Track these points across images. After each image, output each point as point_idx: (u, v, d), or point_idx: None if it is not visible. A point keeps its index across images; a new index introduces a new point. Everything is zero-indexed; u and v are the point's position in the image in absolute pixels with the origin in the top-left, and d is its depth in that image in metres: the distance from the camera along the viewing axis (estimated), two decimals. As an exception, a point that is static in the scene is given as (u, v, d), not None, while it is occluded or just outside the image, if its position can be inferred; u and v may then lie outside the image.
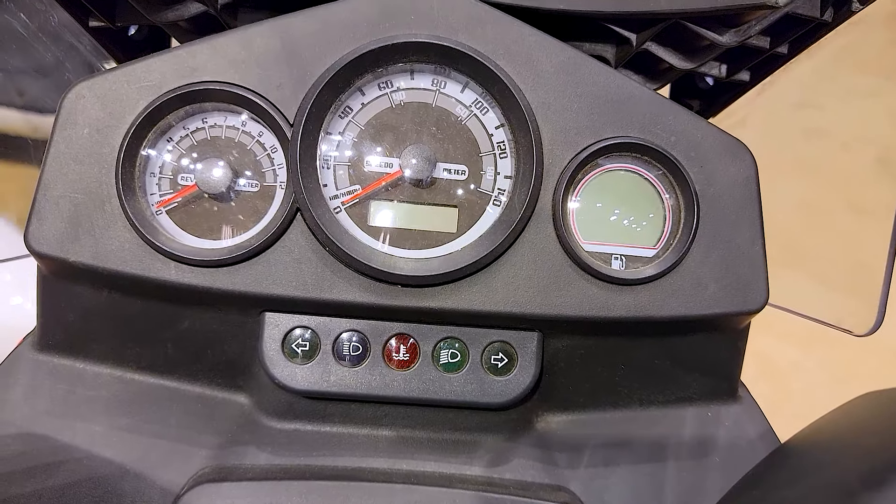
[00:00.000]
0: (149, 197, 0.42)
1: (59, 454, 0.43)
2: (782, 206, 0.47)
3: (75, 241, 0.40)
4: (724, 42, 0.43)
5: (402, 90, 0.43)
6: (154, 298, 0.42)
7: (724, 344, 0.46)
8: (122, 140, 0.40)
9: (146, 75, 0.41)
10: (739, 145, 0.43)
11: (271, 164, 0.42)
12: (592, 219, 0.43)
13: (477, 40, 0.42)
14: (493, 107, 0.43)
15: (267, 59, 0.41)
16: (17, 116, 1.19)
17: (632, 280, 0.42)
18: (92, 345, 0.45)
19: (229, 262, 0.40)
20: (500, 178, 0.43)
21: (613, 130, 0.42)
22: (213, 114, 0.42)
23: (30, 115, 1.04)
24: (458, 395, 0.43)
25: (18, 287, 1.18)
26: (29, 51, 0.53)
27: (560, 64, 0.42)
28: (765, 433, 0.47)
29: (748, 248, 0.43)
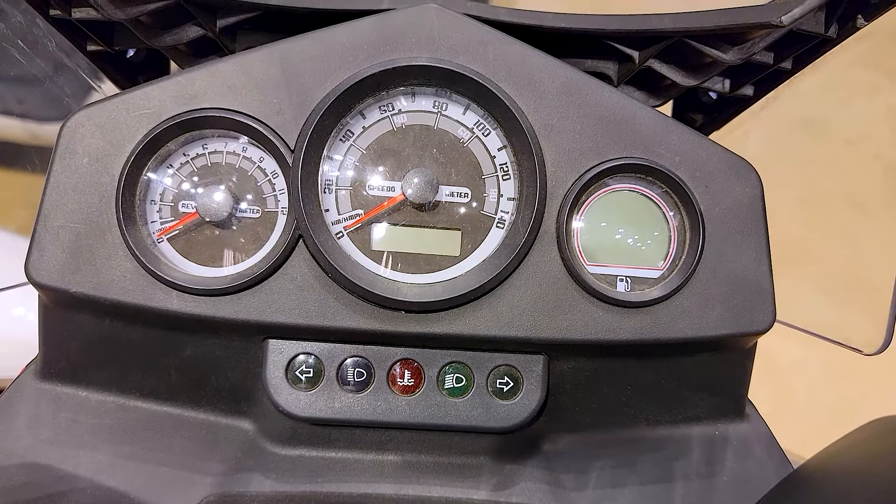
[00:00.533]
0: (149, 225, 0.41)
1: (63, 484, 0.43)
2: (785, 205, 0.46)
3: (76, 271, 0.39)
4: (727, 60, 0.43)
5: (404, 112, 0.42)
6: (156, 327, 0.42)
7: (731, 363, 0.46)
8: (122, 169, 0.40)
9: (145, 103, 0.40)
10: (745, 164, 0.43)
11: (272, 190, 0.42)
12: (597, 240, 0.43)
13: (478, 62, 0.41)
14: (496, 128, 0.43)
15: (266, 84, 0.41)
16: (15, 124, 1.19)
17: (638, 302, 0.41)
18: (95, 373, 0.44)
19: (232, 290, 0.40)
20: (504, 200, 0.43)
21: (617, 151, 0.42)
22: (214, 140, 0.42)
23: (28, 122, 1.04)
24: (463, 419, 0.43)
25: (21, 298, 1.18)
26: (28, 59, 0.52)
27: (562, 85, 0.42)
28: (773, 451, 0.46)
29: (754, 268, 0.42)
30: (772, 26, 0.40)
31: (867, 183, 1.46)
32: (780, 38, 0.42)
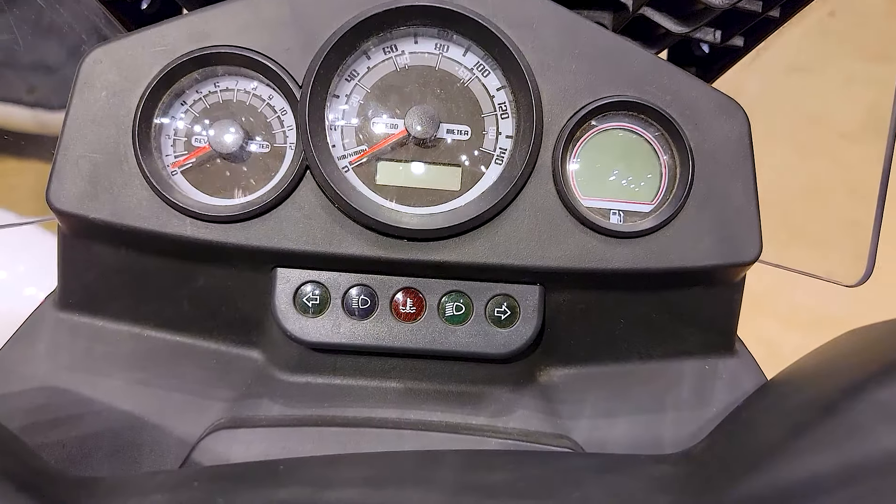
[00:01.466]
0: (164, 157, 0.43)
1: (80, 407, 0.45)
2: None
3: (94, 198, 0.42)
4: (717, 4, 0.44)
5: (407, 54, 0.44)
6: (170, 256, 0.44)
7: (721, 298, 0.47)
8: (138, 102, 0.42)
9: (160, 40, 0.42)
10: (732, 103, 0.45)
11: (281, 126, 0.44)
12: (591, 176, 0.45)
13: (478, 4, 0.43)
14: (495, 69, 0.45)
15: (275, 23, 0.43)
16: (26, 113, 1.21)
17: (629, 233, 0.43)
18: (110, 303, 0.46)
19: (242, 217, 0.42)
20: (502, 137, 0.45)
21: (611, 90, 0.44)
22: (225, 78, 0.44)
23: (38, 111, 1.05)
24: (463, 346, 0.44)
25: (32, 278, 1.20)
26: (38, 48, 0.54)
27: (559, 26, 0.44)
28: (761, 384, 0.48)
29: (742, 203, 0.44)
30: (758, -33, 0.42)
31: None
32: (768, -18, 0.44)
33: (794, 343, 1.61)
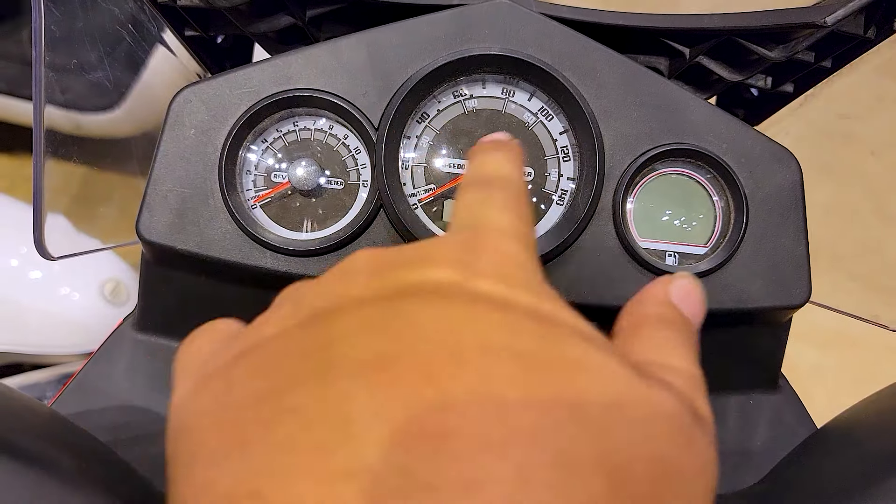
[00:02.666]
0: (245, 192, 0.46)
1: (156, 426, 0.47)
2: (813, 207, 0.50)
3: (182, 230, 0.44)
4: (772, 57, 0.47)
5: (475, 98, 0.47)
6: (247, 284, 0.46)
7: (767, 337, 0.49)
8: (225, 141, 0.44)
9: (246, 82, 0.45)
10: (786, 152, 0.47)
11: (355, 164, 0.46)
12: (648, 219, 0.47)
13: (545, 53, 0.45)
14: (558, 114, 0.47)
15: (354, 68, 0.45)
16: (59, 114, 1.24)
17: (685, 275, 0.45)
18: (188, 326, 0.49)
19: (320, 251, 0.44)
20: (563, 179, 0.47)
21: (670, 137, 0.46)
22: (304, 117, 0.46)
23: (72, 112, 1.09)
24: None
25: (66, 277, 1.22)
26: (73, 50, 0.56)
27: (620, 75, 0.46)
28: (803, 420, 0.50)
29: (793, 248, 0.46)
30: (816, 26, 0.44)
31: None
32: (822, 38, 0.46)
33: (810, 361, 1.63)
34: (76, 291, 1.19)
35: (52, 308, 1.18)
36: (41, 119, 0.46)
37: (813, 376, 1.66)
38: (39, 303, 1.17)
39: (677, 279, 0.29)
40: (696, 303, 0.29)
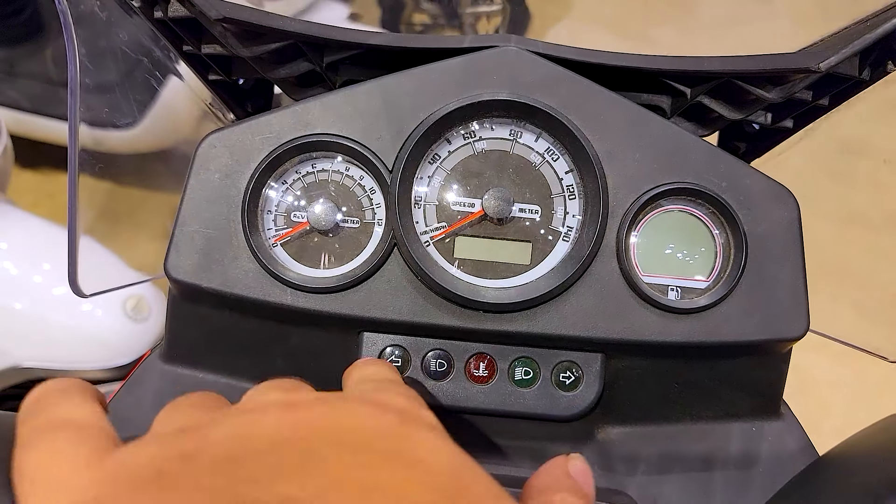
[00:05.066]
0: (266, 232, 0.48)
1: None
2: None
3: (207, 269, 0.47)
4: (770, 98, 0.48)
5: (484, 140, 0.49)
6: (269, 319, 0.49)
7: (769, 366, 0.51)
8: (247, 184, 0.47)
9: (268, 128, 0.47)
10: (784, 190, 0.48)
11: (370, 204, 0.49)
12: (650, 254, 0.49)
13: (551, 97, 0.48)
14: (564, 154, 0.49)
15: (369, 114, 0.47)
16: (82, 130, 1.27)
17: (687, 309, 0.47)
18: (211, 358, 0.51)
19: (337, 289, 0.47)
20: (569, 217, 0.49)
21: (671, 177, 0.48)
22: (321, 160, 0.49)
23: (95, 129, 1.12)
24: (530, 407, 0.49)
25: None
26: (95, 69, 0.58)
27: (623, 118, 0.48)
28: (805, 448, 0.52)
29: (791, 282, 0.48)
30: (811, 71, 0.46)
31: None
32: (819, 79, 0.48)
33: (826, 372, 1.63)
34: (99, 308, 1.22)
35: (76, 324, 1.21)
36: (75, 167, 0.49)
37: (830, 388, 1.66)
38: (63, 319, 1.20)
39: (573, 459, 0.36)
40: (590, 482, 0.35)
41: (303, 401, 0.28)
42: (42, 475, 0.24)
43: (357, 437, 0.26)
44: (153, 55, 0.61)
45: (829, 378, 1.64)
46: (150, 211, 1.10)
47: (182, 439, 0.25)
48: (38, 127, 1.84)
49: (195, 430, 0.26)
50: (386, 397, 0.31)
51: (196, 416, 0.29)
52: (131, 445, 0.26)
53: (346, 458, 0.24)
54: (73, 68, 0.48)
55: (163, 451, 0.25)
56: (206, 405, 0.31)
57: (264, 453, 0.24)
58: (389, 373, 0.39)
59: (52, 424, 0.27)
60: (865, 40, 0.45)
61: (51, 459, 0.25)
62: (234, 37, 0.48)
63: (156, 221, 1.08)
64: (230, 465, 0.23)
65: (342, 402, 0.29)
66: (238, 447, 0.24)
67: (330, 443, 0.25)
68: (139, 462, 0.24)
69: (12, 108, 1.80)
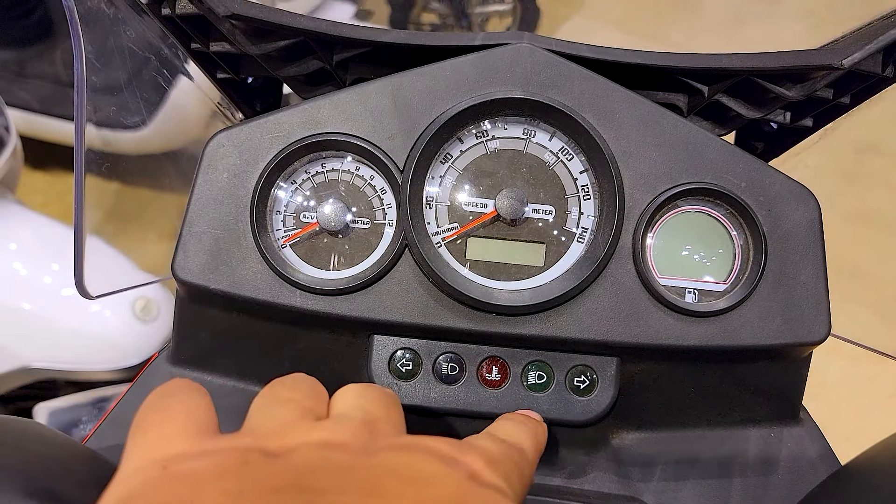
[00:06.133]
0: (275, 233, 0.47)
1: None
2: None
3: (215, 271, 0.46)
4: (790, 96, 0.47)
5: (497, 139, 0.48)
6: (277, 321, 0.48)
7: (788, 371, 0.50)
8: (256, 183, 0.46)
9: (276, 127, 0.47)
10: (804, 190, 0.47)
11: (381, 204, 0.48)
12: (667, 256, 0.48)
13: (565, 95, 0.47)
14: (578, 154, 0.48)
15: (380, 113, 0.47)
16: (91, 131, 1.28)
17: (705, 312, 0.46)
18: (219, 360, 0.51)
19: (346, 291, 0.46)
20: (584, 217, 0.48)
21: (688, 176, 0.47)
22: (331, 159, 0.48)
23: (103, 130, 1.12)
24: (543, 412, 0.48)
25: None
26: (103, 70, 0.58)
27: (639, 116, 0.47)
28: (825, 454, 0.50)
29: (812, 285, 0.47)
30: (833, 68, 0.44)
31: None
32: (841, 77, 0.47)
33: (839, 374, 1.61)
34: (108, 309, 1.22)
35: (85, 325, 1.21)
36: (82, 170, 0.48)
37: (842, 390, 1.64)
38: (72, 320, 1.20)
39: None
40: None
41: (385, 436, 0.31)
42: (151, 432, 0.29)
43: (426, 484, 0.27)
44: (161, 54, 0.61)
45: (841, 381, 1.62)
46: (159, 211, 1.10)
47: (271, 440, 0.29)
48: (47, 127, 1.85)
49: (284, 434, 0.29)
50: (459, 453, 0.31)
51: (288, 416, 0.31)
52: (229, 435, 0.29)
53: (410, 494, 0.26)
54: (79, 66, 0.48)
55: (252, 444, 0.28)
56: (300, 399, 0.34)
57: (338, 474, 0.26)
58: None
59: (172, 398, 0.32)
60: (890, 36, 0.43)
61: (162, 422, 0.30)
62: (242, 34, 0.47)
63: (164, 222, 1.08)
64: (305, 475, 0.26)
65: (415, 451, 0.29)
66: (317, 460, 0.27)
67: (399, 481, 0.27)
68: (231, 446, 0.28)
69: (22, 109, 1.81)
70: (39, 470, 0.33)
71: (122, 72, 0.63)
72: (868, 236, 1.61)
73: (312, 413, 0.33)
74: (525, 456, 0.36)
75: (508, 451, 0.34)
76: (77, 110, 0.48)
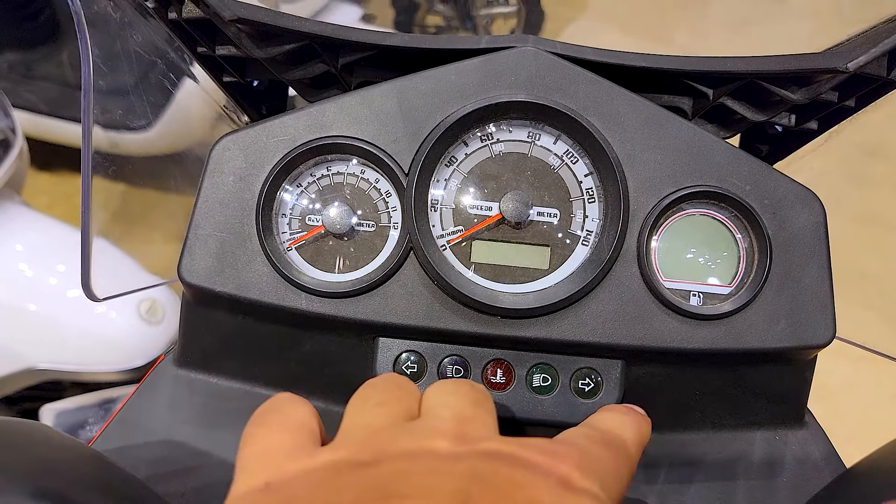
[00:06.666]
0: (281, 235, 0.48)
1: (196, 459, 0.49)
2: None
3: (220, 273, 0.46)
4: (795, 99, 0.47)
5: (501, 142, 0.48)
6: (283, 324, 0.48)
7: (793, 374, 0.50)
8: (262, 186, 0.46)
9: (282, 130, 0.47)
10: (809, 193, 0.47)
11: (386, 207, 0.48)
12: (672, 259, 0.48)
13: (570, 99, 0.47)
14: (583, 157, 0.48)
15: (385, 116, 0.47)
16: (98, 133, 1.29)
17: (709, 315, 0.46)
18: (225, 363, 0.51)
19: (352, 293, 0.46)
20: (589, 220, 0.48)
21: (693, 180, 0.47)
22: (336, 162, 0.48)
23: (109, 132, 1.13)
24: (548, 415, 0.48)
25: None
26: (111, 72, 0.58)
27: (644, 119, 0.47)
28: (830, 457, 0.50)
29: (817, 288, 0.47)
30: (838, 71, 0.44)
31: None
32: (846, 80, 0.47)
33: (842, 377, 1.60)
34: (113, 310, 1.22)
35: (91, 326, 1.21)
36: (89, 173, 0.48)
37: (845, 392, 1.64)
38: (78, 321, 1.20)
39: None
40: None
41: (473, 440, 0.31)
42: (255, 450, 0.32)
43: (513, 491, 0.27)
44: (167, 57, 0.61)
45: (846, 383, 1.62)
46: (165, 213, 1.10)
47: (362, 450, 0.30)
48: (54, 129, 1.85)
49: (374, 441, 0.30)
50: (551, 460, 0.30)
51: (379, 422, 0.32)
52: (325, 448, 0.31)
53: (495, 501, 0.26)
54: (86, 69, 0.48)
55: (343, 456, 0.30)
56: (390, 402, 0.34)
57: (423, 479, 0.27)
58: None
59: (276, 414, 0.34)
60: (895, 40, 0.43)
61: (265, 438, 0.32)
62: (248, 38, 0.47)
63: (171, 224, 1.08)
64: (392, 483, 0.27)
65: (503, 457, 0.29)
66: (405, 467, 0.28)
67: (485, 487, 0.27)
68: (324, 461, 0.29)
69: (29, 111, 1.81)
70: (46, 473, 0.33)
71: (129, 75, 0.63)
72: (873, 239, 1.61)
73: (404, 414, 0.33)
74: (625, 451, 0.35)
75: (606, 450, 0.33)
76: (84, 114, 0.49)
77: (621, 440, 0.35)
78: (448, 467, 0.28)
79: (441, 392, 0.35)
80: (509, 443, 0.31)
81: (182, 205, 0.66)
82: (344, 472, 0.28)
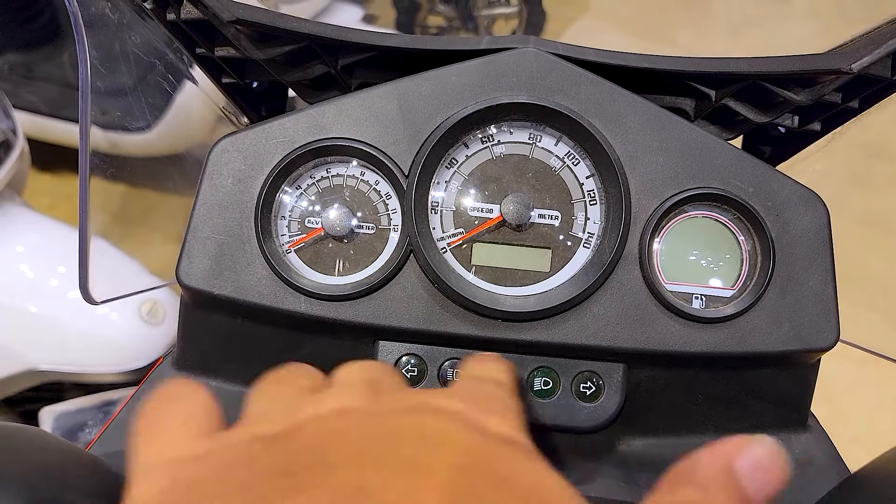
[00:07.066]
0: (280, 238, 0.47)
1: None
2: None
3: (219, 276, 0.46)
4: (798, 100, 0.47)
5: (502, 143, 0.48)
6: (282, 327, 0.48)
7: (796, 377, 0.49)
8: (261, 189, 0.46)
9: (281, 132, 0.47)
10: (813, 195, 0.47)
11: (386, 210, 0.48)
12: (674, 261, 0.47)
13: (571, 100, 0.46)
14: (585, 158, 0.48)
15: (385, 118, 0.46)
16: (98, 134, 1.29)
17: (712, 318, 0.46)
18: (223, 365, 0.51)
19: (351, 296, 0.46)
20: (590, 223, 0.48)
21: (695, 182, 0.46)
22: (336, 164, 0.48)
23: (109, 132, 1.13)
24: (549, 419, 0.47)
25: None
26: (110, 73, 0.58)
27: (646, 121, 0.47)
28: (834, 461, 0.50)
29: (820, 291, 0.46)
30: (841, 73, 0.44)
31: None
32: (849, 81, 0.46)
33: (846, 379, 1.60)
34: (114, 311, 1.22)
35: (91, 328, 1.21)
36: (86, 176, 0.48)
37: (849, 394, 1.63)
38: (79, 322, 1.20)
39: (752, 445, 0.26)
40: (769, 481, 0.25)
41: (386, 392, 0.30)
42: (153, 439, 0.28)
43: (441, 445, 0.26)
44: (166, 59, 0.61)
45: (849, 385, 1.61)
46: (165, 214, 1.10)
47: (272, 424, 0.27)
48: (55, 130, 1.85)
49: (284, 414, 0.28)
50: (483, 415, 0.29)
51: (286, 397, 0.31)
52: (229, 430, 0.28)
53: (428, 458, 0.25)
54: (83, 71, 0.48)
55: (254, 432, 0.27)
56: (295, 379, 0.33)
57: (348, 444, 0.25)
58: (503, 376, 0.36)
59: (171, 401, 0.30)
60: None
61: (165, 427, 0.28)
62: (247, 39, 0.47)
63: (170, 225, 1.08)
64: (315, 451, 0.25)
65: (423, 412, 0.28)
66: (324, 434, 0.26)
67: (414, 446, 0.25)
68: (233, 441, 0.27)
69: (30, 112, 1.81)
70: (43, 479, 0.33)
71: (128, 76, 0.63)
72: (877, 241, 1.60)
73: (308, 387, 0.32)
74: (507, 389, 0.34)
75: (495, 389, 0.33)
76: (81, 115, 0.48)
77: (499, 380, 0.35)
78: (370, 428, 0.26)
79: (346, 366, 0.34)
80: (422, 396, 0.30)
81: (182, 205, 0.66)
82: (256, 450, 0.25)
